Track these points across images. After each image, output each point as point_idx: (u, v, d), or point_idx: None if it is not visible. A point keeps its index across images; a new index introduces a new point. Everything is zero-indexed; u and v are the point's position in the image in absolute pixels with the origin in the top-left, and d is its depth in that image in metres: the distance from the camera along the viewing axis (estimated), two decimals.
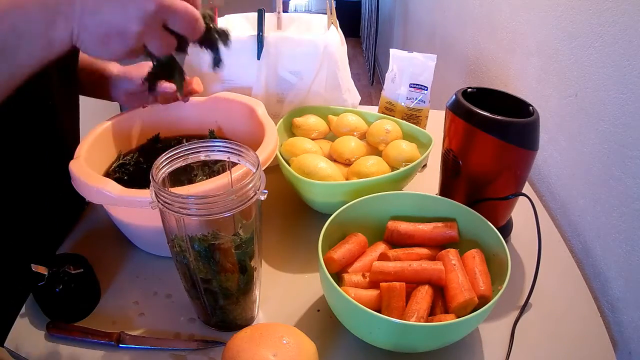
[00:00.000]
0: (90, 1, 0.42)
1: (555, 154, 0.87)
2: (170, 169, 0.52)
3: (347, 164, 0.79)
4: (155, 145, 0.79)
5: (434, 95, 0.89)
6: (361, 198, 0.65)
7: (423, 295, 0.56)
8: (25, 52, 0.42)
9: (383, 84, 0.95)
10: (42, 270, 0.57)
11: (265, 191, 0.50)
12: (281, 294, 0.65)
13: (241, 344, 0.49)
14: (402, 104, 0.91)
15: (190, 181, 0.62)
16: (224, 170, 0.61)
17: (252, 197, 0.49)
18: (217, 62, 0.58)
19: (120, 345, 0.56)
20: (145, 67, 0.65)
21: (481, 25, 1.28)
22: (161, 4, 0.43)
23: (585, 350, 0.59)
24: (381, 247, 0.65)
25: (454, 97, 0.68)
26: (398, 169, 0.76)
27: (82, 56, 0.76)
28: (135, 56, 0.48)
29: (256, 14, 0.86)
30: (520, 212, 0.73)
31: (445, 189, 0.75)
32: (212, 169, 0.68)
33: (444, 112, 0.70)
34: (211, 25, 0.54)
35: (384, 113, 0.93)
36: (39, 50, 0.43)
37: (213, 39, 0.56)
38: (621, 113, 0.67)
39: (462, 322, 0.51)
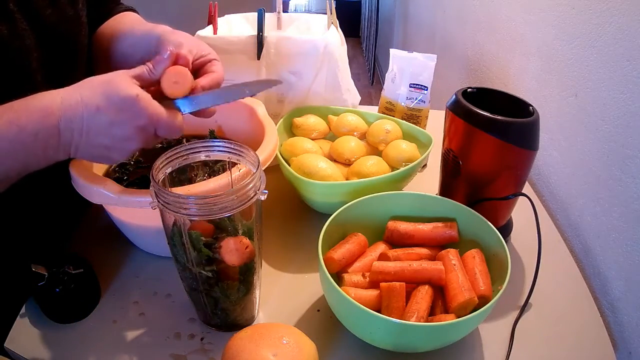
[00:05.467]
0: (81, 147, 0.50)
1: (555, 154, 0.87)
2: (170, 169, 0.52)
3: (347, 164, 0.79)
4: (155, 145, 0.79)
5: (434, 95, 0.89)
6: (361, 198, 0.65)
7: (423, 295, 0.56)
8: (28, 169, 0.50)
9: (383, 84, 0.95)
10: (42, 270, 0.57)
11: (265, 191, 0.50)
12: (281, 294, 0.65)
13: (241, 344, 0.49)
14: (402, 104, 0.91)
15: (190, 181, 0.62)
16: (224, 170, 0.61)
17: (252, 197, 0.49)
18: None
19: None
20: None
21: (481, 25, 1.28)
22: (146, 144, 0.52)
23: (585, 350, 0.59)
24: (381, 247, 0.65)
25: (454, 97, 0.68)
26: (398, 169, 0.76)
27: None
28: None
29: (256, 14, 0.86)
30: (520, 212, 0.73)
31: (445, 189, 0.75)
32: (212, 169, 0.68)
33: (444, 112, 0.70)
34: None
35: (384, 113, 0.93)
36: (41, 166, 0.51)
37: None
38: (621, 113, 0.67)
39: (462, 322, 0.51)
